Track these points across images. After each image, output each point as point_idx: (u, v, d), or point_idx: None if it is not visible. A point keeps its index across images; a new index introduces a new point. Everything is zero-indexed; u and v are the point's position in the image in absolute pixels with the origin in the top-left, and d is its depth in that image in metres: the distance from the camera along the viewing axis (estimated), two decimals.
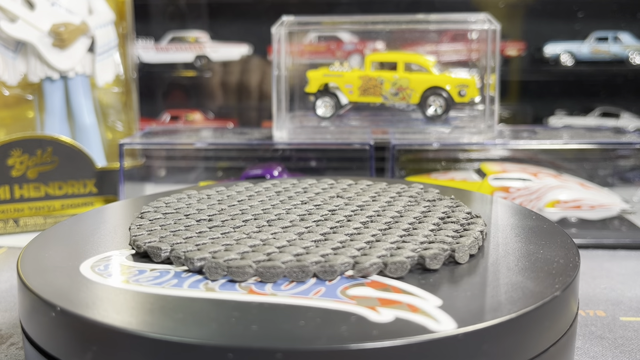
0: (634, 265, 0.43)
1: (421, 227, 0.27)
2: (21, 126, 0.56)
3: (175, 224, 0.28)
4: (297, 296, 0.21)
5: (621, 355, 0.30)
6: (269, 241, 0.25)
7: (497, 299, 0.21)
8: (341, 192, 0.34)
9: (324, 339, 0.18)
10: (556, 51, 0.80)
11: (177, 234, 0.27)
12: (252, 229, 0.27)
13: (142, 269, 0.24)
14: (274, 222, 0.28)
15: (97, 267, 0.24)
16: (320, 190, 0.35)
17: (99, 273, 0.24)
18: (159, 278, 0.23)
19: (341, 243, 0.25)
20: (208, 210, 0.30)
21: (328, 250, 0.24)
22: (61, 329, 0.20)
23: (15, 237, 0.51)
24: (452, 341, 0.18)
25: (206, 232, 0.27)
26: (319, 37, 0.79)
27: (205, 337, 0.18)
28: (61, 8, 0.54)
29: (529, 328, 0.20)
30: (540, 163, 0.58)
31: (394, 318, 0.19)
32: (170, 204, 0.32)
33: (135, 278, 0.23)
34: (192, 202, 0.33)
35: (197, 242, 0.25)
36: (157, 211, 0.31)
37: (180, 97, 0.87)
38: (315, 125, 0.57)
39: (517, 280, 0.22)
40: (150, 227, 0.28)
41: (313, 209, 0.31)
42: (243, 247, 0.24)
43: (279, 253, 0.24)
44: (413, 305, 0.20)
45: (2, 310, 0.36)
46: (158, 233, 0.27)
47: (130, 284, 0.23)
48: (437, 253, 0.24)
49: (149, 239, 0.26)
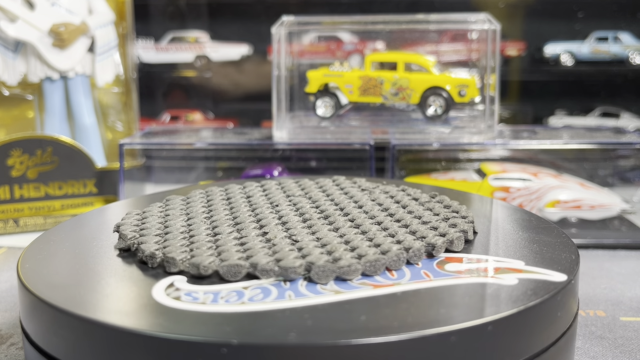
0: (634, 265, 0.43)
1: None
2: (21, 126, 0.56)
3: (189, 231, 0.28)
4: (420, 281, 0.22)
5: (621, 355, 0.30)
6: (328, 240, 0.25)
7: (497, 296, 0.21)
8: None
9: (513, 303, 0.20)
10: (556, 51, 0.80)
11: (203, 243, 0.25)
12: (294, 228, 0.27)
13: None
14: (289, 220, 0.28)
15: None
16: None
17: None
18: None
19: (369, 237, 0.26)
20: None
21: (382, 242, 0.25)
22: (61, 329, 0.20)
23: (15, 237, 0.51)
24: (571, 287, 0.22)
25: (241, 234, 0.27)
26: (319, 37, 0.79)
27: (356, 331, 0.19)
28: (61, 8, 0.54)
29: (529, 325, 0.20)
30: (540, 163, 0.58)
31: (517, 280, 0.22)
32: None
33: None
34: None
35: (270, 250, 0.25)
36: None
37: (180, 97, 0.87)
38: (315, 125, 0.57)
39: (515, 278, 0.23)
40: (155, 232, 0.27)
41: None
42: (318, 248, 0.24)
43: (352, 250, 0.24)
44: (514, 269, 0.23)
45: (2, 310, 0.36)
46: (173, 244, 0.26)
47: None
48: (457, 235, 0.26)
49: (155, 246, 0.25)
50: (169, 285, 0.22)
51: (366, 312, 0.20)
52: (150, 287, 0.22)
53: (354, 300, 0.21)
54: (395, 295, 0.21)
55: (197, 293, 0.21)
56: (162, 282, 0.23)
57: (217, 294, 0.21)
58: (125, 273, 0.24)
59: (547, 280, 0.22)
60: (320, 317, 0.19)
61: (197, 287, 0.22)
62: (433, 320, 0.19)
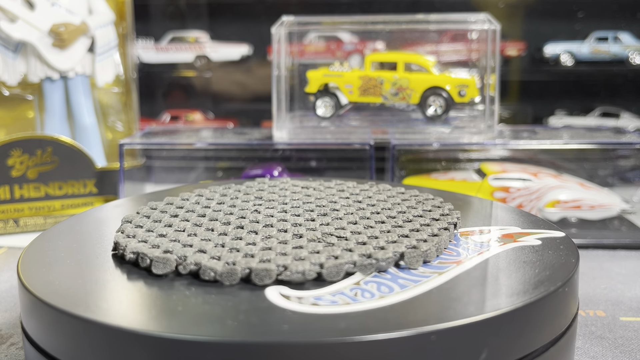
0: (634, 265, 0.43)
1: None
2: (21, 126, 0.56)
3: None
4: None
5: (621, 355, 0.30)
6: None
7: (497, 293, 0.21)
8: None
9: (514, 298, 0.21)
10: (556, 51, 0.80)
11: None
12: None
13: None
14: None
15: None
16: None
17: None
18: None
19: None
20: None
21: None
22: (61, 329, 0.20)
23: (15, 237, 0.51)
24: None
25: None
26: (319, 37, 0.79)
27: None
28: (61, 8, 0.54)
29: (528, 323, 0.20)
30: (540, 163, 0.58)
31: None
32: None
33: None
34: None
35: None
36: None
37: (180, 97, 0.87)
38: (315, 125, 0.57)
39: (516, 276, 0.22)
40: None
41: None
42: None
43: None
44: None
45: (2, 310, 0.36)
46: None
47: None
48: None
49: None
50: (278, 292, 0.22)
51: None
52: (149, 288, 0.22)
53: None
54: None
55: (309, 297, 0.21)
56: (271, 290, 0.22)
57: (318, 298, 0.21)
58: (125, 273, 0.24)
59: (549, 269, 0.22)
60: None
61: (302, 292, 0.22)
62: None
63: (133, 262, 0.24)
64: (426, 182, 0.54)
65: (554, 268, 0.24)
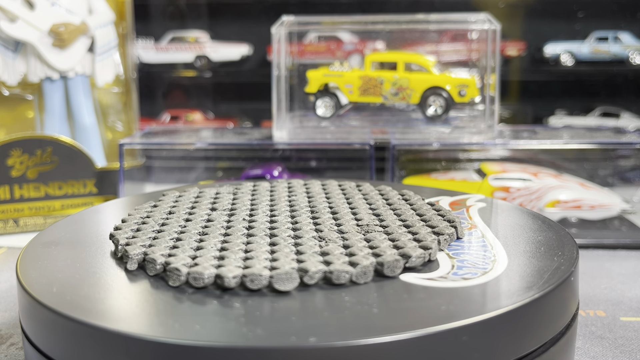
0: (634, 265, 0.43)
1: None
2: (21, 126, 0.56)
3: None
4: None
5: (621, 355, 0.30)
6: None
7: (496, 291, 0.21)
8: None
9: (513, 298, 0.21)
10: (556, 51, 0.80)
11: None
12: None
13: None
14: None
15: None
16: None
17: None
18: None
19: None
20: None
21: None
22: (59, 331, 0.20)
23: (15, 237, 0.51)
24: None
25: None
26: (319, 37, 0.79)
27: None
28: (61, 8, 0.54)
29: (527, 322, 0.20)
30: (540, 163, 0.58)
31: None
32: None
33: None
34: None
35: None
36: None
37: (180, 97, 0.87)
38: (315, 125, 0.57)
39: (515, 275, 0.22)
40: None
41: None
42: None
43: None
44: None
45: (2, 310, 0.36)
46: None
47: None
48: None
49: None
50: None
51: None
52: (148, 289, 0.22)
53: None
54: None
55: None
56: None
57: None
58: (123, 274, 0.24)
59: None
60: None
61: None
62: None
63: (138, 266, 0.24)
64: (426, 182, 0.54)
65: (553, 267, 0.24)
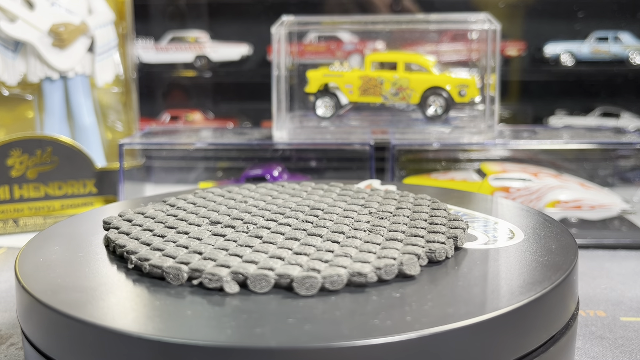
0: (634, 265, 0.43)
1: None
2: (21, 126, 0.56)
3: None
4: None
5: (621, 356, 0.30)
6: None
7: (496, 290, 0.21)
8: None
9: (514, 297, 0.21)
10: (556, 51, 0.80)
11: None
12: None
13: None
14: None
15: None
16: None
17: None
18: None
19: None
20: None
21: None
22: (59, 330, 0.20)
23: (15, 237, 0.51)
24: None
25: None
26: (319, 37, 0.79)
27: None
28: (61, 8, 0.54)
29: (527, 322, 0.20)
30: (540, 163, 0.58)
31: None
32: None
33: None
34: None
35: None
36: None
37: (180, 97, 0.87)
38: (315, 125, 0.57)
39: (515, 274, 0.22)
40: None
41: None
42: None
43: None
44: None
45: (2, 310, 0.36)
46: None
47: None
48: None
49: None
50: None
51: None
52: (148, 288, 0.22)
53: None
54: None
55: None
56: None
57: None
58: (123, 274, 0.24)
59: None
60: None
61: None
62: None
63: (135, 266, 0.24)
64: (426, 182, 0.54)
65: (552, 266, 0.24)
